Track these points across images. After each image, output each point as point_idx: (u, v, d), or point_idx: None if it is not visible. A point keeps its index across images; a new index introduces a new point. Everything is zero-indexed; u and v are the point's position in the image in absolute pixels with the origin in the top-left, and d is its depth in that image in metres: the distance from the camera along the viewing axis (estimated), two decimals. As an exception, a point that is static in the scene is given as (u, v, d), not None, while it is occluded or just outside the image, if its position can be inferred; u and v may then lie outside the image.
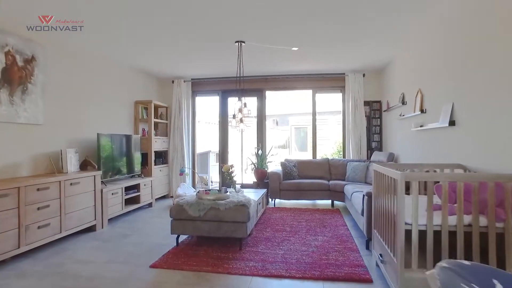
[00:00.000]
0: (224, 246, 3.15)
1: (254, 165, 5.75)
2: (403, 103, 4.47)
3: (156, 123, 5.91)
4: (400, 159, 4.78)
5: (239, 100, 4.44)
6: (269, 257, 2.86)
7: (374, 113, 5.86)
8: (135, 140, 5.05)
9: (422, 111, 3.72)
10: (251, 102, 5.88)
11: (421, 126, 3.71)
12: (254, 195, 3.95)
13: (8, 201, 2.69)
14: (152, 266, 2.68)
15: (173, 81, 6.24)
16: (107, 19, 3.33)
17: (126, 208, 4.46)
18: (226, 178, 4.12)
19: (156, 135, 5.87)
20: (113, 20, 3.36)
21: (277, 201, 5.40)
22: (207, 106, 8.12)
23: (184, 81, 6.18)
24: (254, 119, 6.36)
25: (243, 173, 6.75)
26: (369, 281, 2.39)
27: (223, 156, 6.50)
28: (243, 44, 4.07)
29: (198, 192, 3.39)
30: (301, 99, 10.83)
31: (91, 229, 3.76)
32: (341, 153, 7.73)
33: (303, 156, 10.68)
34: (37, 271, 2.59)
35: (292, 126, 12.16)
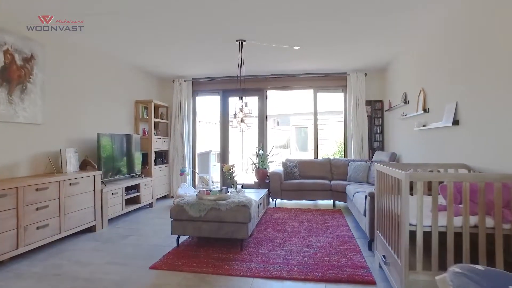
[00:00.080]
0: (225, 247, 3.12)
1: (255, 165, 5.72)
2: (406, 102, 4.43)
3: (156, 123, 5.88)
4: (402, 159, 4.74)
5: (240, 99, 4.40)
6: (270, 258, 2.83)
7: (375, 113, 5.82)
8: (136, 139, 5.01)
9: (425, 110, 3.69)
10: (252, 101, 5.85)
11: (424, 125, 3.67)
12: (255, 196, 3.92)
13: (6, 201, 2.65)
14: (152, 267, 2.65)
15: (173, 81, 6.21)
16: (107, 18, 3.30)
17: (126, 208, 4.43)
18: (227, 178, 4.08)
19: (156, 134, 5.84)
20: (113, 18, 3.33)
21: (278, 201, 5.36)
22: (208, 105, 8.09)
23: (184, 81, 6.15)
24: (254, 119, 6.33)
25: (244, 173, 6.72)
26: (372, 283, 2.35)
27: (223, 156, 6.47)
28: (244, 43, 4.03)
29: (198, 192, 3.36)
30: (302, 99, 10.79)
31: (91, 229, 3.72)
32: (342, 153, 7.69)
33: (304, 156, 10.64)
34: (35, 272, 2.56)
35: (293, 126, 12.12)
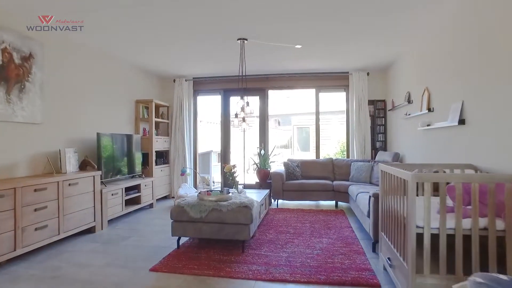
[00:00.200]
0: (226, 248, 3.07)
1: (256, 165, 5.66)
2: (409, 102, 4.37)
3: (157, 123, 5.84)
4: (405, 159, 4.68)
5: (242, 98, 4.35)
6: (272, 260, 2.77)
7: (378, 112, 5.76)
8: (136, 139, 4.97)
9: (429, 110, 3.63)
10: (253, 101, 5.80)
11: (428, 125, 3.61)
12: (256, 196, 3.87)
13: (3, 202, 2.60)
14: (152, 269, 2.60)
15: (174, 80, 6.16)
16: (107, 16, 3.25)
17: (126, 209, 4.38)
18: (228, 178, 4.03)
19: (157, 134, 5.79)
20: (113, 17, 3.29)
21: (280, 201, 5.30)
22: (209, 105, 8.04)
23: (185, 80, 6.10)
24: (256, 119, 6.28)
25: (245, 173, 6.66)
26: (377, 286, 2.30)
27: (225, 156, 6.42)
28: (245, 41, 3.98)
29: (199, 193, 3.31)
30: (303, 98, 10.73)
31: (91, 230, 3.67)
32: (344, 153, 7.64)
33: (305, 156, 10.58)
34: (33, 275, 2.51)
35: (294, 126, 12.05)
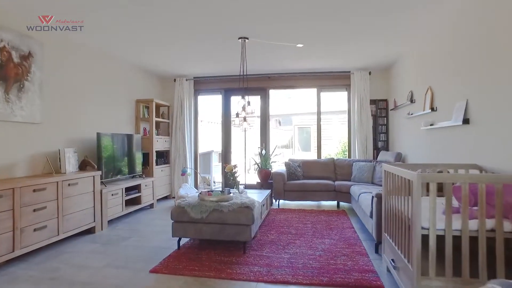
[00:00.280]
0: (227, 249, 3.03)
1: (257, 165, 5.62)
2: (412, 101, 4.33)
3: (157, 122, 5.80)
4: (408, 159, 4.64)
5: (243, 98, 4.31)
6: (274, 262, 2.74)
7: (380, 112, 5.72)
8: (136, 139, 4.93)
9: (432, 109, 3.59)
10: (255, 101, 5.76)
11: (432, 124, 3.57)
12: (258, 196, 3.83)
13: (2, 202, 2.57)
14: (152, 271, 2.56)
15: (175, 80, 6.12)
16: (107, 16, 3.22)
17: (126, 209, 4.34)
18: (229, 178, 4.00)
19: (157, 134, 5.75)
20: (113, 17, 3.26)
21: (281, 202, 5.26)
22: (210, 105, 8.00)
23: (186, 80, 6.07)
24: (257, 119, 6.24)
25: (246, 174, 6.63)
26: (381, 288, 2.26)
27: (225, 156, 6.38)
28: (246, 40, 3.94)
29: (200, 193, 3.27)
30: (304, 98, 10.69)
31: (90, 231, 3.64)
32: (346, 153, 7.59)
33: (306, 156, 10.53)
34: (31, 276, 2.48)
35: (295, 125, 12.01)
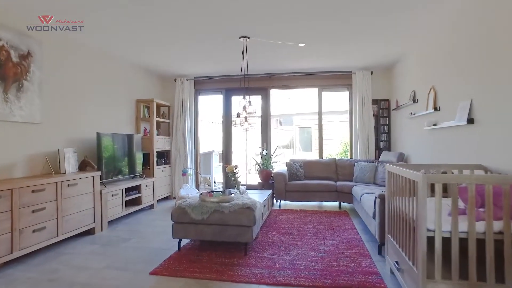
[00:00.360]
0: (228, 251, 2.99)
1: (258, 166, 5.59)
2: (414, 101, 4.29)
3: (158, 122, 5.76)
4: (410, 159, 4.60)
5: (244, 98, 4.27)
6: (276, 263, 2.70)
7: (382, 112, 5.68)
8: (137, 139, 4.90)
9: (435, 109, 3.55)
10: (256, 101, 5.72)
11: (435, 124, 3.54)
12: (259, 197, 3.79)
13: (0, 203, 2.53)
14: (152, 273, 2.53)
15: (175, 79, 6.09)
16: (107, 16, 3.19)
17: (126, 210, 4.31)
18: (230, 179, 3.96)
19: (158, 134, 5.72)
20: (113, 17, 3.23)
21: (283, 202, 5.23)
22: (211, 105, 7.97)
23: (187, 79, 6.03)
24: (258, 119, 6.20)
25: (247, 174, 6.59)
26: (385, 290, 2.22)
27: (226, 156, 6.34)
28: (247, 39, 3.91)
29: (201, 194, 3.23)
30: (304, 99, 10.65)
31: (90, 232, 3.61)
32: (347, 153, 7.57)
33: (307, 156, 10.50)
34: (29, 278, 2.44)
35: (296, 126, 11.97)
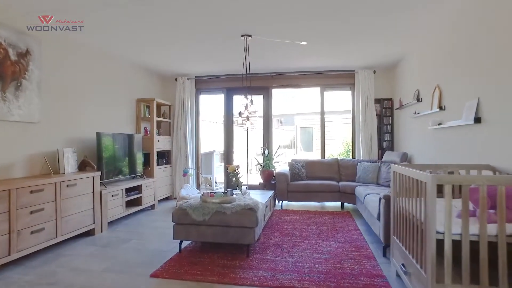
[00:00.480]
0: (230, 252, 2.94)
1: (260, 166, 5.53)
2: (418, 100, 4.23)
3: (158, 122, 5.71)
4: (414, 159, 4.53)
5: (245, 97, 4.22)
6: (279, 266, 2.64)
7: (385, 111, 5.62)
8: (137, 139, 4.85)
9: (440, 108, 3.49)
10: (257, 100, 5.67)
11: (440, 124, 3.48)
12: (261, 198, 3.74)
13: (-2, 204, 2.49)
14: (152, 275, 2.47)
15: (176, 79, 6.04)
16: (107, 16, 3.15)
17: (127, 210, 4.26)
18: (231, 179, 3.90)
19: (158, 134, 5.66)
20: (113, 17, 3.19)
21: (285, 203, 5.17)
22: (212, 104, 7.93)
23: (187, 79, 5.98)
24: (259, 119, 6.14)
25: (249, 174, 6.54)
26: (391, 294, 2.17)
27: (228, 156, 6.29)
28: (249, 38, 3.85)
29: (202, 194, 3.18)
30: (306, 98, 10.60)
31: (90, 233, 3.56)
32: (349, 153, 7.50)
33: (308, 156, 10.44)
34: (27, 281, 2.39)
35: (297, 125, 11.91)
